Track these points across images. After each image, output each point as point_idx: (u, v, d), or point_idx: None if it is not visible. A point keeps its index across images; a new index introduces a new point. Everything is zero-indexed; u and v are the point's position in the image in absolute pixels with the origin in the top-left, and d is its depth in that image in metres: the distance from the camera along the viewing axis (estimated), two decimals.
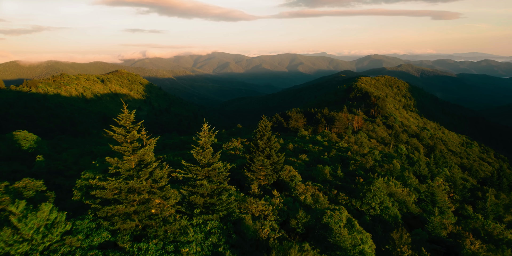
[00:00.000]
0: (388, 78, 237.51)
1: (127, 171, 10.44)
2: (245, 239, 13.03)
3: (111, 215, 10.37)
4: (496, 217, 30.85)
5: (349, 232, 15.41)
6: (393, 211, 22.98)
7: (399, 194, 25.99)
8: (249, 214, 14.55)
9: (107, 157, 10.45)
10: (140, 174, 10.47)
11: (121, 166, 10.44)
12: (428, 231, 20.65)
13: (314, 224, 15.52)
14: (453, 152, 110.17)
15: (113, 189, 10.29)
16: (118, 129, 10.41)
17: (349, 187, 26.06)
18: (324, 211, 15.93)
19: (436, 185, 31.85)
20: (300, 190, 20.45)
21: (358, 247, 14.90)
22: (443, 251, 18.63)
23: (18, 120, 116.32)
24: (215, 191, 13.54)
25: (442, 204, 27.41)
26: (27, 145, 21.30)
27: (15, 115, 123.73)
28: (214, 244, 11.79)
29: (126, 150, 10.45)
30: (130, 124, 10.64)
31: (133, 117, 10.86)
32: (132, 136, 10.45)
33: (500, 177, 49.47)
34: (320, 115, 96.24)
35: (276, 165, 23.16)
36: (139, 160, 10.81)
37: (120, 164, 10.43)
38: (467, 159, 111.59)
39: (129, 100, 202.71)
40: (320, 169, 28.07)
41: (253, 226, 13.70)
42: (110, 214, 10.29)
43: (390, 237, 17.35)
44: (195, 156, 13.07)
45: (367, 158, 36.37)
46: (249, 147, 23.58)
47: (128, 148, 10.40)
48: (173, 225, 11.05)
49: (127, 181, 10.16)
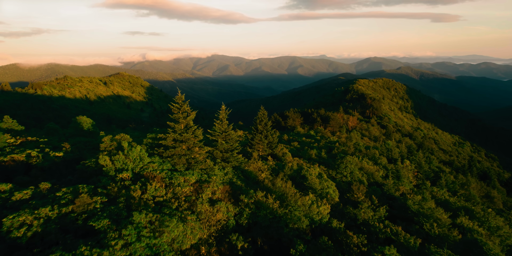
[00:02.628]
0: (386, 80, 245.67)
1: (179, 130, 18.09)
2: (248, 179, 20.70)
3: (171, 155, 17.96)
4: (452, 191, 38.40)
5: (319, 181, 22.96)
6: (361, 178, 30.61)
7: (368, 168, 33.69)
8: (251, 167, 22.25)
9: (168, 122, 18.12)
10: (187, 131, 18.10)
11: (177, 126, 18.07)
12: (384, 191, 28.27)
13: (295, 175, 23.23)
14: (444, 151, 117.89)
15: (171, 140, 17.92)
16: (175, 104, 18.13)
17: (329, 163, 33.70)
18: (302, 167, 23.65)
19: (404, 165, 39.56)
20: (289, 160, 28.16)
21: (325, 190, 22.48)
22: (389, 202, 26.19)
23: (26, 121, 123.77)
24: (229, 149, 21.24)
25: (405, 179, 34.96)
26: (86, 127, 28.94)
27: (23, 116, 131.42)
28: (230, 178, 19.43)
29: (179, 116, 18.10)
30: (181, 102, 18.34)
31: (184, 97, 18.63)
32: (184, 109, 18.15)
33: (470, 166, 57.21)
34: (316, 114, 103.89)
35: (271, 144, 30.91)
36: (186, 123, 18.45)
37: (176, 125, 18.07)
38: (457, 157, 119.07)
39: (131, 102, 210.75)
40: (307, 151, 35.77)
41: (254, 172, 21.40)
42: (171, 154, 17.88)
43: (351, 188, 24.84)
44: (217, 125, 20.74)
45: (349, 146, 44.09)
46: (250, 132, 31.31)
47: (181, 115, 18.08)
48: (205, 164, 18.70)
49: (180, 134, 17.80)
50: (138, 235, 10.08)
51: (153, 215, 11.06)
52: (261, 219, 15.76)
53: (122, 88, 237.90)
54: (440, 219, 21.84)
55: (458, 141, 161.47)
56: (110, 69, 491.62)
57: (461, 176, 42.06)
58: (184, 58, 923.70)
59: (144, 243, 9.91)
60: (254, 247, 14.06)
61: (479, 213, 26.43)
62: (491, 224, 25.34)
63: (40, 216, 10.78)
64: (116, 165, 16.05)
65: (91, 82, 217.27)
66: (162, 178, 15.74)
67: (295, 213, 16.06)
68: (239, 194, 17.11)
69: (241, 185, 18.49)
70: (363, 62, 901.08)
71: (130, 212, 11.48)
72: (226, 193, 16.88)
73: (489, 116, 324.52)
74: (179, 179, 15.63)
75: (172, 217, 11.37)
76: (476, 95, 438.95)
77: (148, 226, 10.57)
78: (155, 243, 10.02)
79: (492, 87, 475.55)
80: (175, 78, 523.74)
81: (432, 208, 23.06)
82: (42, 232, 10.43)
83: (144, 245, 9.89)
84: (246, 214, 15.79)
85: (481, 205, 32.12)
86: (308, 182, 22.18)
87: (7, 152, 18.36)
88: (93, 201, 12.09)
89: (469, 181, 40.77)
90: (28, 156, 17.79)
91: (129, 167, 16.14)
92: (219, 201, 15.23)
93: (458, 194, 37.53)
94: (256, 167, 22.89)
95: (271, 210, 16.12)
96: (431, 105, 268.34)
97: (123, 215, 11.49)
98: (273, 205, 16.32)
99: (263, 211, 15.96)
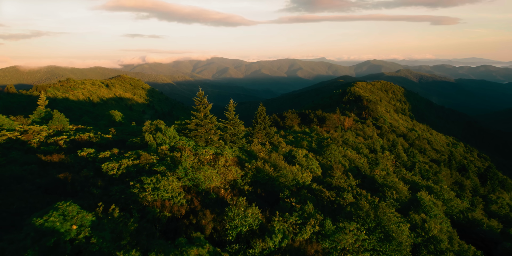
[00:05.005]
0: (384, 83, 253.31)
1: (200, 117, 25.11)
2: (250, 155, 27.70)
3: (194, 135, 24.94)
4: (425, 178, 45.35)
5: (305, 159, 29.89)
6: (343, 163, 37.57)
7: (350, 156, 40.72)
8: (253, 147, 29.26)
9: (192, 111, 25.11)
10: (206, 118, 25.12)
11: (198, 115, 25.08)
12: (360, 171, 35.23)
13: (287, 155, 30.24)
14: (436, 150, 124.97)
15: (194, 124, 24.94)
16: (197, 98, 25.20)
17: (317, 151, 40.68)
18: (292, 149, 30.68)
19: (384, 155, 46.58)
20: (283, 146, 35.19)
21: (310, 166, 29.43)
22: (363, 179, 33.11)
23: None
24: (235, 134, 28.28)
25: (383, 165, 41.89)
26: (118, 119, 35.95)
27: None
28: (237, 154, 26.40)
29: (200, 107, 25.12)
30: (202, 96, 25.36)
31: (203, 93, 25.68)
32: (203, 101, 25.22)
33: (450, 160, 64.25)
34: (313, 115, 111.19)
35: (268, 134, 37.96)
36: (205, 113, 25.47)
37: (197, 114, 25.08)
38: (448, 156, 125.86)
39: (133, 104, 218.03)
40: (300, 141, 42.78)
41: (255, 151, 28.40)
42: (194, 135, 24.86)
43: (332, 167, 31.71)
44: (227, 115, 27.79)
45: (338, 139, 51.16)
46: (251, 126, 38.34)
47: (201, 106, 25.15)
48: (219, 143, 25.70)
49: (201, 120, 24.81)
50: (186, 172, 17.04)
51: (193, 163, 18.05)
52: (260, 179, 22.67)
53: (124, 90, 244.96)
54: (399, 188, 28.75)
55: (452, 142, 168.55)
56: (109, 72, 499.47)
57: (435, 166, 48.98)
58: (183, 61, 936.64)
59: (190, 177, 16.88)
60: (255, 193, 21.00)
61: (436, 189, 33.33)
62: (445, 197, 32.26)
63: (123, 164, 17.71)
64: (157, 141, 23.07)
65: (94, 84, 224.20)
66: (190, 150, 22.73)
67: (285, 175, 23.03)
68: (244, 163, 24.07)
69: (245, 158, 25.49)
70: (362, 64, 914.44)
71: (176, 164, 18.41)
72: (235, 162, 23.85)
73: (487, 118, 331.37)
74: (202, 150, 22.59)
75: (203, 165, 18.37)
76: (475, 97, 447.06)
77: (190, 169, 17.50)
78: (196, 177, 16.97)
79: (491, 90, 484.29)
80: (175, 80, 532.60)
81: (394, 181, 29.92)
82: (126, 172, 17.36)
83: (189, 177, 16.86)
84: (249, 176, 22.70)
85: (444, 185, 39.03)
86: (296, 159, 29.06)
87: (72, 133, 25.35)
88: (150, 157, 19.05)
89: (441, 170, 47.68)
90: (89, 136, 24.75)
91: (166, 142, 23.15)
92: (230, 166, 22.16)
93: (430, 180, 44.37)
94: (257, 149, 29.86)
95: (268, 173, 23.04)
96: (428, 108, 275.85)
97: (172, 165, 18.42)
98: (269, 170, 23.25)
99: (262, 174, 22.87)
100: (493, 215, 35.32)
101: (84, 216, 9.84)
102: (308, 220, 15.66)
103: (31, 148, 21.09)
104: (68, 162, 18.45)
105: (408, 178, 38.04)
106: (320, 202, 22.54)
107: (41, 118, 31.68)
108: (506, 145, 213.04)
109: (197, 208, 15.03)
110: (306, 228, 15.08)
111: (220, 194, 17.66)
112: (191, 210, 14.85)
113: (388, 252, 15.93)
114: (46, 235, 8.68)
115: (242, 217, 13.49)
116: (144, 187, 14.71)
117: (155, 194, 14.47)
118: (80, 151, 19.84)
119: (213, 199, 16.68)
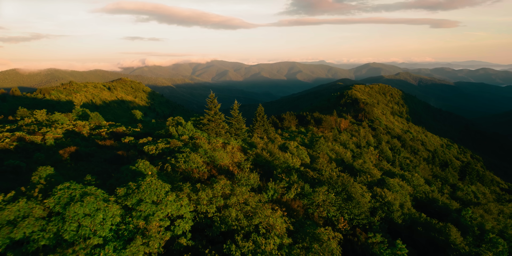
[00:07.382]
0: (382, 86, 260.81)
1: (211, 114, 32.15)
2: (252, 145, 34.75)
3: (206, 129, 31.94)
4: (405, 170, 52.29)
5: (296, 150, 36.88)
6: (330, 155, 44.55)
7: (337, 150, 47.74)
8: (253, 140, 36.31)
9: (205, 109, 32.13)
10: (216, 115, 32.16)
11: (209, 112, 32.13)
12: (344, 162, 42.20)
13: (281, 146, 37.29)
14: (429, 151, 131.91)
15: (207, 120, 31.96)
16: (209, 99, 32.30)
17: (309, 145, 47.69)
18: (286, 142, 37.75)
19: (369, 150, 53.63)
20: (279, 139, 42.23)
21: (300, 155, 36.42)
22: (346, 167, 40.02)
23: None
24: (238, 128, 35.34)
25: (366, 158, 48.85)
26: (138, 117, 42.99)
27: None
28: (241, 144, 33.42)
29: (211, 106, 32.16)
30: (213, 98, 32.40)
31: (214, 95, 32.74)
32: (214, 101, 32.29)
33: (434, 157, 71.26)
34: (310, 117, 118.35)
35: (267, 131, 45.03)
36: (215, 111, 32.51)
37: (209, 111, 32.13)
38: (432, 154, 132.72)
39: (134, 106, 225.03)
40: (294, 138, 49.80)
41: (255, 143, 35.44)
42: (206, 128, 31.86)
43: (319, 157, 38.63)
44: (232, 113, 34.88)
45: (329, 137, 58.25)
46: (252, 123, 45.40)
47: (212, 105, 32.21)
48: (226, 135, 32.75)
49: (212, 116, 31.85)
50: (205, 152, 24.03)
51: (208, 147, 25.07)
52: (259, 162, 29.65)
53: (125, 93, 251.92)
54: (373, 173, 35.68)
55: (446, 143, 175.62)
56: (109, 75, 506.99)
57: (416, 160, 55.91)
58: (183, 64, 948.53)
59: (208, 155, 23.88)
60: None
61: (408, 176, 40.26)
62: (415, 183, 39.18)
63: (159, 146, 24.70)
64: (179, 132, 30.12)
65: (96, 87, 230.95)
66: (204, 139, 29.75)
67: (278, 158, 30.02)
68: (246, 150, 31.08)
69: (247, 147, 32.54)
70: (362, 67, 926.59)
71: (197, 147, 25.39)
72: (239, 149, 30.85)
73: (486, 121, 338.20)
74: (214, 140, 29.60)
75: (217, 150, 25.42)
76: (474, 100, 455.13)
77: (208, 150, 24.48)
78: (212, 155, 23.97)
79: (490, 93, 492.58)
80: (175, 83, 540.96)
81: (370, 168, 36.82)
82: (162, 152, 24.34)
83: (208, 155, 23.86)
84: (251, 159, 29.66)
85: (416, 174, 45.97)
86: (288, 149, 36.03)
87: (109, 127, 32.41)
88: (178, 143, 26.05)
89: (420, 163, 54.60)
90: (123, 130, 31.78)
91: (186, 133, 30.18)
92: (236, 152, 29.14)
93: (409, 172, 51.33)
94: (256, 141, 36.91)
95: (265, 157, 30.01)
96: (426, 110, 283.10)
97: (194, 148, 25.40)
98: (266, 155, 30.23)
99: (260, 158, 29.84)
100: (458, 200, 42.19)
101: (152, 168, 16.84)
102: (292, 185, 22.67)
103: (84, 136, 28.05)
104: (116, 146, 25.40)
105: (385, 168, 44.97)
106: (305, 178, 29.47)
107: (78, 115, 38.74)
108: (501, 148, 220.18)
109: (215, 174, 21.90)
110: (291, 190, 22.05)
111: (230, 168, 24.63)
112: (211, 175, 21.74)
113: (350, 208, 22.87)
114: (137, 175, 15.58)
115: (247, 179, 20.46)
116: (178, 160, 21.68)
117: (186, 164, 21.44)
118: (123, 138, 26.84)
119: (225, 170, 23.66)
